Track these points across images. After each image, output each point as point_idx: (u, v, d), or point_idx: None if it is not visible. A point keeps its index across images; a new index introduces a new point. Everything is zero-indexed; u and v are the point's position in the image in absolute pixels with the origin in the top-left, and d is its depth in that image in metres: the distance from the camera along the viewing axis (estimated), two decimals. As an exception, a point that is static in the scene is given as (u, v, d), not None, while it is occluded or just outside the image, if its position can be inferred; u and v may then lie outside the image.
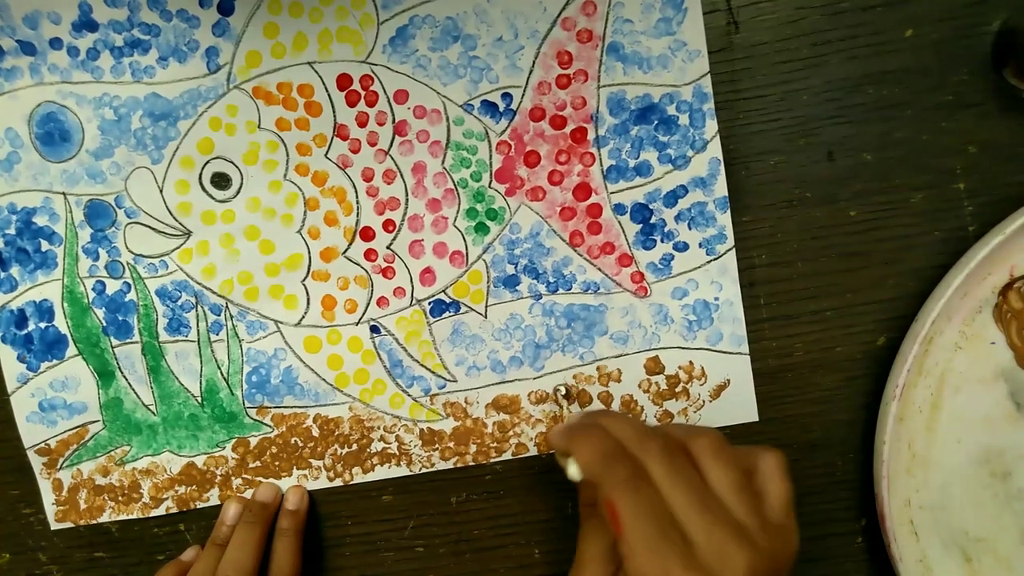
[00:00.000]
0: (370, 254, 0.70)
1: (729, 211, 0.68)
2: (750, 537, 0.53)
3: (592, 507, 0.62)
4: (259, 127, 0.69)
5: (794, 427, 0.72)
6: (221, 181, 0.70)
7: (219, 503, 0.75)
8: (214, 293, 0.71)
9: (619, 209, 0.69)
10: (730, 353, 0.71)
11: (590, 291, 0.70)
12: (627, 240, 0.69)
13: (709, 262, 0.69)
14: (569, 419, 0.67)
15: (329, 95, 0.68)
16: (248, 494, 0.74)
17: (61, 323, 0.72)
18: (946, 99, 0.67)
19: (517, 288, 0.71)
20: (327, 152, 0.69)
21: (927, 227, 0.68)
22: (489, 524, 0.75)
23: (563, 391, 0.71)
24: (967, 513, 0.71)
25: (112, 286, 0.72)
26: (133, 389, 0.73)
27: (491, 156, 0.69)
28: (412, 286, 0.71)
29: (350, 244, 0.70)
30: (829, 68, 0.67)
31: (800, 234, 0.69)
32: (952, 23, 0.66)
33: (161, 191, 0.70)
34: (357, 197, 0.69)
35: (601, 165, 0.68)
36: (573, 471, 0.58)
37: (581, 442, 0.57)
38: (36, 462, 0.75)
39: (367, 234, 0.70)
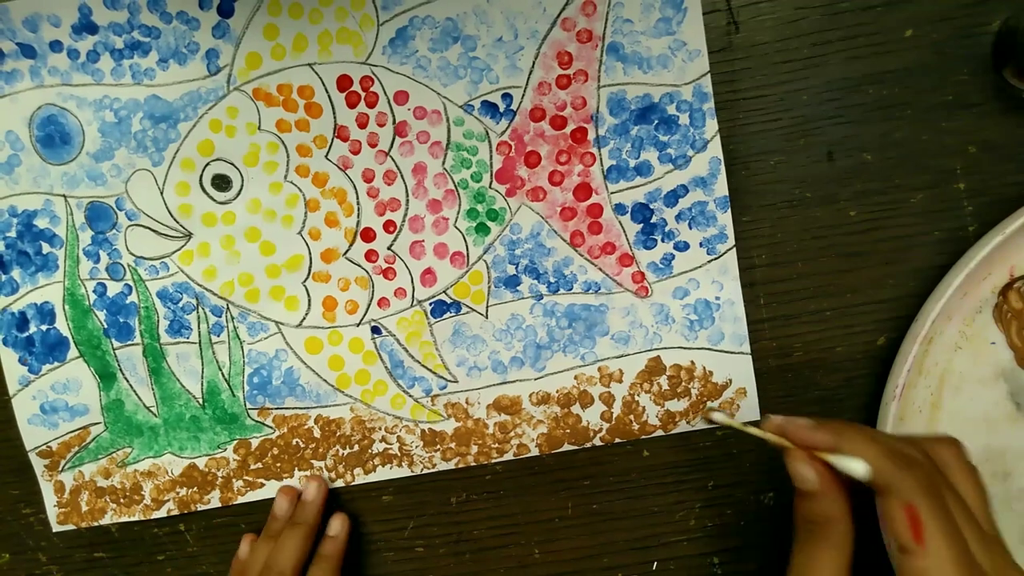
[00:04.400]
0: (371, 255, 0.70)
1: (730, 210, 0.68)
2: (1007, 558, 0.51)
3: (822, 523, 0.54)
4: (259, 129, 0.69)
5: (794, 427, 0.71)
6: (222, 183, 0.70)
7: (220, 505, 0.75)
8: (215, 295, 0.71)
9: (620, 209, 0.69)
10: (732, 352, 0.71)
11: (591, 291, 0.70)
12: (628, 240, 0.69)
13: (710, 261, 0.69)
14: (792, 419, 0.57)
15: (329, 96, 0.68)
16: (248, 496, 0.75)
17: (62, 325, 0.72)
18: (946, 99, 0.67)
19: (518, 288, 0.71)
20: (327, 153, 0.69)
21: (927, 227, 0.68)
22: (489, 524, 0.75)
23: (718, 411, 0.67)
24: (967, 513, 0.71)
25: (113, 288, 0.72)
26: (134, 391, 0.73)
27: (491, 157, 0.69)
28: (413, 287, 0.71)
29: (351, 245, 0.70)
30: (829, 68, 0.67)
31: (800, 234, 0.69)
32: (952, 23, 0.66)
33: (162, 193, 0.70)
34: (358, 198, 0.70)
35: (602, 165, 0.68)
36: (860, 468, 0.51)
37: (861, 439, 0.53)
38: (38, 464, 0.75)
39: (368, 235, 0.70)
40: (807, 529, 0.55)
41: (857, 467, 0.52)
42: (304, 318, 0.72)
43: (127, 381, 0.73)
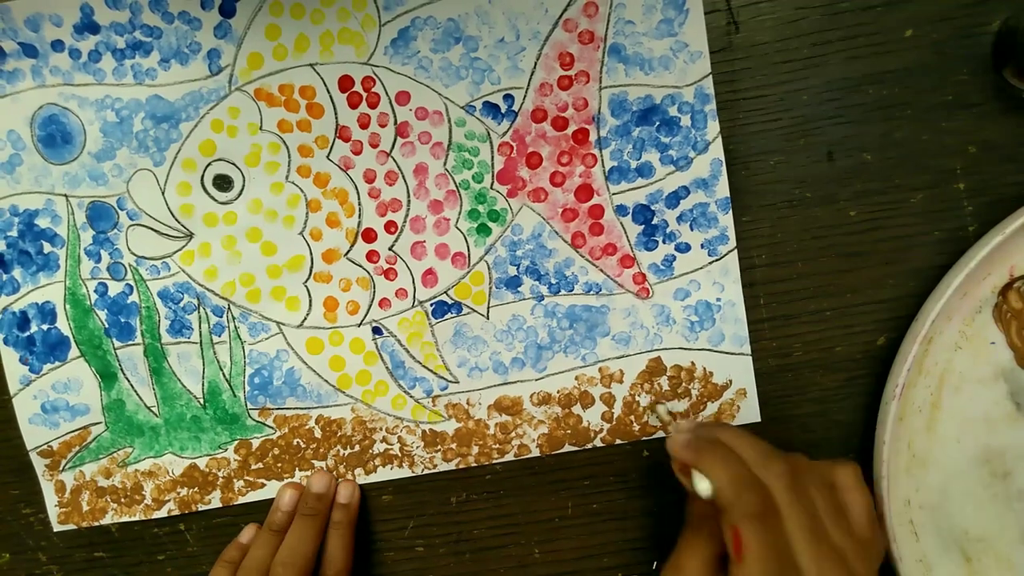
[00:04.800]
0: (372, 255, 0.70)
1: (731, 212, 0.68)
2: (850, 566, 0.56)
3: (701, 517, 0.62)
4: (261, 129, 0.69)
5: (794, 427, 0.72)
6: (223, 183, 0.70)
7: (221, 505, 0.75)
8: (216, 295, 0.71)
9: (621, 210, 0.69)
10: (732, 354, 0.71)
11: (592, 292, 0.70)
12: (629, 241, 0.70)
13: (711, 263, 0.69)
14: (682, 426, 0.66)
15: (331, 97, 0.68)
16: (249, 496, 0.74)
17: (63, 325, 0.72)
18: (946, 99, 0.67)
19: (519, 289, 0.71)
20: (329, 154, 0.69)
21: (927, 227, 0.68)
22: (489, 524, 0.75)
23: (665, 408, 0.71)
24: (967, 513, 0.71)
25: (114, 288, 0.72)
26: (135, 391, 0.73)
27: (493, 157, 0.69)
28: (414, 287, 0.71)
29: (352, 246, 0.70)
30: (829, 68, 0.67)
31: (800, 234, 0.69)
32: (952, 23, 0.66)
33: (163, 193, 0.70)
34: (359, 199, 0.70)
35: (603, 166, 0.69)
36: (704, 488, 0.58)
37: (713, 462, 0.59)
38: (38, 464, 0.75)
39: (369, 235, 0.70)
40: (689, 520, 0.64)
41: (702, 489, 0.59)
42: (305, 318, 0.72)
43: (128, 381, 0.73)
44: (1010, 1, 0.65)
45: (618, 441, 0.72)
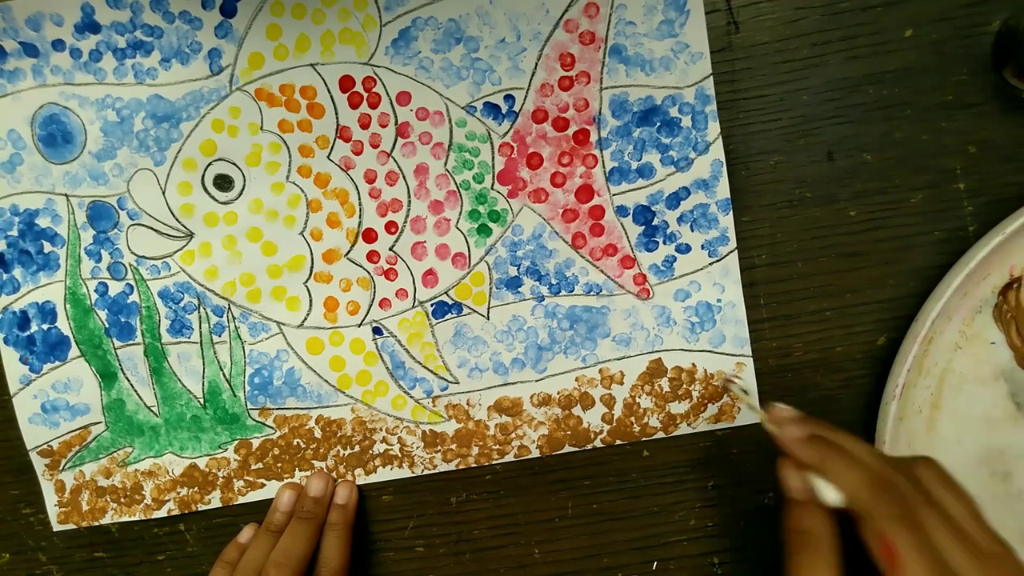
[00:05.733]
0: (372, 256, 0.70)
1: (731, 213, 0.69)
2: (1003, 565, 0.52)
3: (813, 537, 0.56)
4: (261, 129, 0.69)
5: (794, 427, 0.72)
6: (223, 183, 0.70)
7: (221, 505, 0.75)
8: (216, 295, 0.71)
9: (621, 211, 0.69)
10: (733, 355, 0.71)
11: (592, 293, 0.70)
12: (629, 242, 0.70)
13: (711, 264, 0.70)
14: (788, 422, 0.61)
15: (331, 97, 0.68)
16: (248, 496, 0.75)
17: (63, 325, 0.72)
18: (946, 99, 0.67)
19: (519, 290, 0.71)
20: (329, 154, 0.69)
21: (927, 227, 0.69)
22: (489, 524, 0.75)
23: (738, 386, 0.70)
24: (967, 513, 0.71)
25: (114, 288, 0.72)
26: (135, 391, 0.73)
27: (493, 158, 0.69)
28: (414, 288, 0.71)
29: (352, 246, 0.70)
30: (829, 68, 0.67)
31: (800, 234, 0.69)
32: (952, 23, 0.66)
33: (163, 193, 0.70)
34: (359, 199, 0.70)
35: (603, 167, 0.69)
36: (832, 496, 0.55)
37: (843, 467, 0.56)
38: (38, 464, 0.75)
39: (369, 236, 0.70)
40: (795, 539, 0.57)
41: (829, 495, 0.56)
42: (305, 319, 0.72)
43: (128, 381, 0.73)
44: (1010, 1, 0.65)
45: (618, 442, 0.72)
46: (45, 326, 0.72)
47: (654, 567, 0.73)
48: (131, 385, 0.73)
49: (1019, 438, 0.70)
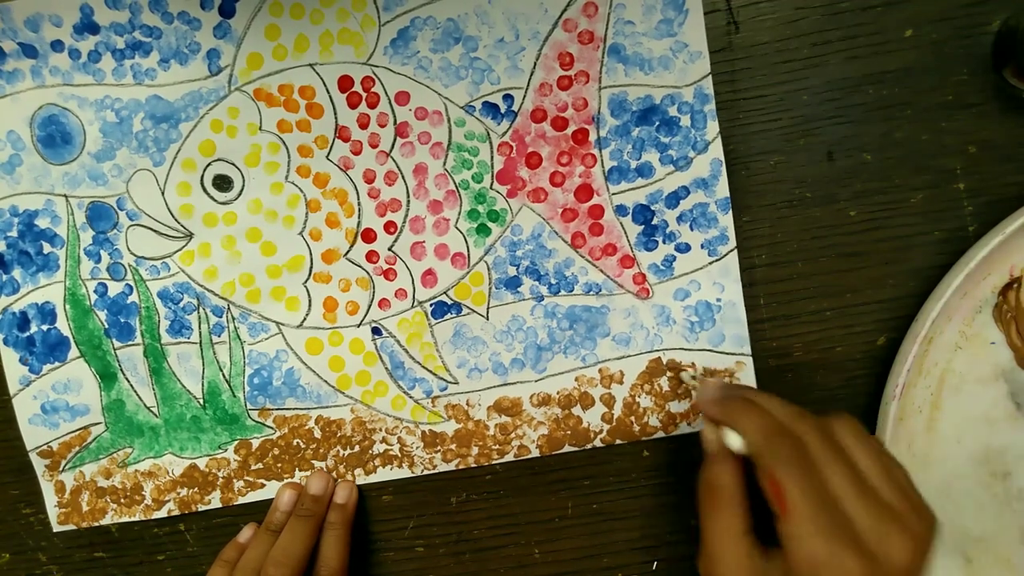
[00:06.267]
0: (372, 256, 0.70)
1: (731, 212, 0.68)
2: (906, 521, 0.52)
3: (717, 487, 0.59)
4: (260, 129, 0.69)
5: (794, 427, 0.72)
6: (222, 183, 0.70)
7: (221, 505, 0.75)
8: (216, 295, 0.71)
9: (621, 210, 0.69)
10: (732, 354, 0.71)
11: (592, 293, 0.70)
12: (629, 241, 0.70)
13: (711, 263, 0.69)
14: (708, 387, 0.65)
15: (330, 97, 0.68)
16: (248, 496, 0.75)
17: (63, 325, 0.72)
18: (946, 99, 0.67)
19: (519, 290, 0.71)
20: (328, 154, 0.69)
21: (927, 227, 0.68)
22: (489, 524, 0.75)
23: (690, 373, 0.71)
24: (967, 513, 0.71)
25: (114, 288, 0.72)
26: (135, 391, 0.73)
27: (492, 157, 0.69)
28: (413, 288, 0.71)
29: (352, 246, 0.70)
30: (829, 68, 0.67)
31: (800, 234, 0.69)
32: (952, 23, 0.66)
33: (163, 193, 0.70)
34: (359, 199, 0.70)
35: (603, 166, 0.69)
36: (736, 442, 0.58)
37: (743, 415, 0.58)
38: (38, 464, 0.75)
39: (368, 236, 0.70)
40: (704, 490, 0.60)
41: (733, 441, 0.59)
42: (305, 319, 0.72)
43: (128, 381, 0.73)
44: (1010, 1, 0.65)
45: (618, 441, 0.72)
46: (45, 327, 0.72)
47: (654, 567, 0.73)
48: (131, 386, 0.73)
49: (1019, 438, 0.70)
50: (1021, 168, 0.67)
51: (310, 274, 0.71)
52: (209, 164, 0.70)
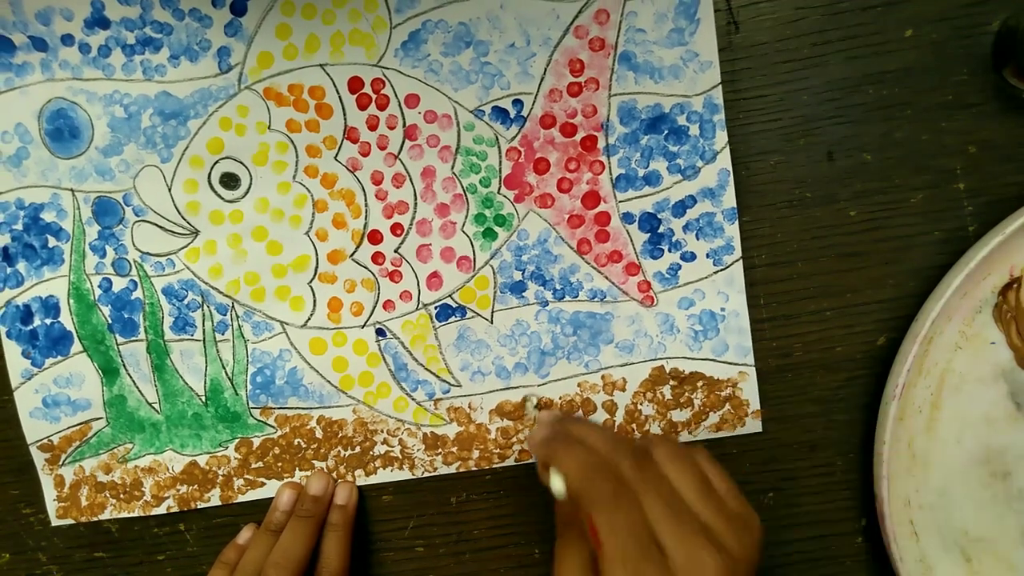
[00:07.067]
0: (377, 257, 0.71)
1: (737, 222, 0.69)
2: (717, 539, 0.54)
3: (568, 521, 0.61)
4: (269, 128, 0.69)
5: (794, 427, 0.73)
6: (230, 181, 0.70)
7: (220, 503, 0.74)
8: (220, 293, 0.71)
9: (627, 218, 0.70)
10: (735, 364, 0.71)
11: (596, 299, 0.71)
12: (635, 249, 0.70)
13: (716, 273, 0.70)
14: (538, 422, 0.66)
15: (340, 98, 0.69)
16: (248, 495, 0.74)
17: (67, 319, 0.72)
18: (946, 99, 0.68)
19: (524, 294, 0.71)
20: (337, 154, 0.69)
21: (927, 227, 0.70)
22: (489, 524, 0.75)
23: (535, 401, 0.72)
24: (967, 513, 0.71)
25: (118, 283, 0.71)
26: (137, 387, 0.73)
27: (501, 162, 0.70)
28: (419, 290, 0.71)
29: (358, 247, 0.71)
30: (829, 68, 0.68)
31: (800, 234, 0.70)
32: (952, 23, 0.67)
33: (170, 190, 0.70)
34: (366, 200, 0.70)
35: (610, 173, 0.69)
36: (558, 487, 0.57)
37: (562, 456, 0.58)
38: (38, 458, 0.74)
39: (375, 237, 0.70)
40: (561, 527, 0.62)
41: (556, 487, 0.58)
42: (309, 318, 0.72)
43: (130, 377, 0.73)
44: (1010, 1, 0.67)
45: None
46: (48, 321, 0.72)
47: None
48: (133, 381, 0.73)
49: (1019, 438, 0.71)
50: (1021, 168, 0.69)
51: (315, 274, 0.71)
52: (217, 162, 0.70)
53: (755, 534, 0.57)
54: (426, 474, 0.73)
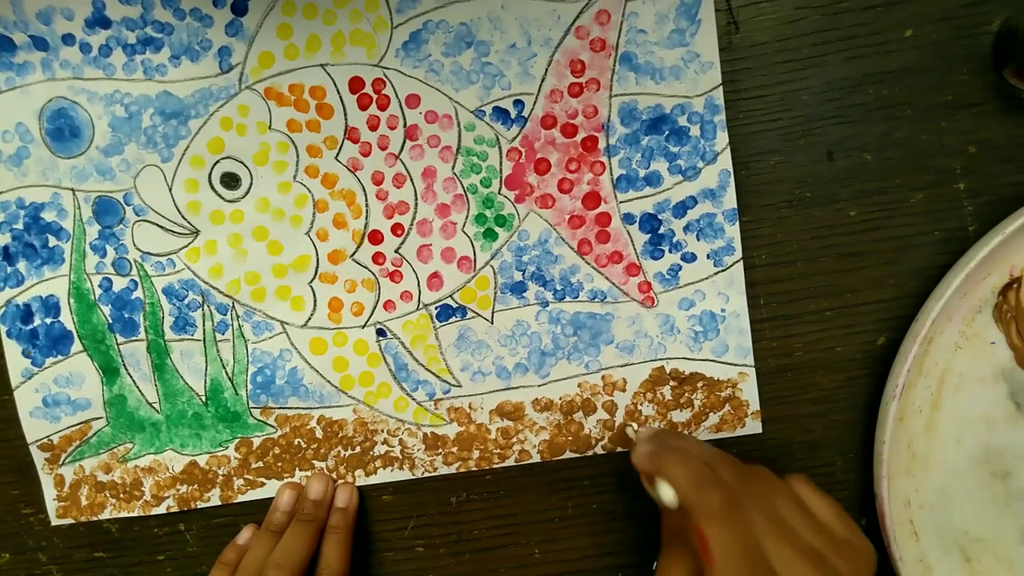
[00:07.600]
0: (378, 257, 0.71)
1: (738, 223, 0.69)
2: (827, 562, 0.54)
3: (676, 532, 0.62)
4: (270, 128, 0.69)
5: (794, 427, 0.73)
6: (231, 181, 0.70)
7: (220, 503, 0.74)
8: (221, 293, 0.71)
9: (628, 219, 0.70)
10: (735, 365, 0.71)
11: (597, 300, 0.71)
12: (635, 250, 0.70)
13: (716, 273, 0.70)
14: (642, 436, 0.66)
15: (341, 98, 0.69)
16: (248, 494, 0.74)
17: (67, 319, 0.72)
18: (946, 99, 0.68)
19: (524, 295, 0.71)
20: (337, 155, 0.69)
21: (927, 227, 0.70)
22: (489, 524, 0.75)
23: (635, 428, 0.71)
24: (967, 513, 0.72)
25: (119, 283, 0.71)
26: (137, 386, 0.73)
27: (501, 163, 0.70)
28: (419, 290, 0.71)
29: (358, 247, 0.71)
30: (829, 68, 0.68)
31: (800, 234, 0.70)
32: (952, 23, 0.67)
33: (170, 189, 0.70)
34: (366, 200, 0.70)
35: (611, 174, 0.70)
36: (668, 496, 0.57)
37: (671, 467, 0.58)
38: (38, 458, 0.74)
39: (375, 237, 0.70)
40: (668, 536, 0.64)
41: (666, 496, 0.58)
42: (309, 318, 0.72)
43: (130, 376, 0.72)
44: (1010, 1, 0.67)
45: (619, 450, 0.72)
46: (48, 320, 0.72)
47: (654, 567, 0.73)
48: (133, 381, 0.73)
49: (1019, 438, 0.71)
50: (1021, 168, 0.69)
51: (316, 274, 0.71)
52: (217, 162, 0.70)
53: (867, 560, 0.57)
54: (426, 474, 0.73)
